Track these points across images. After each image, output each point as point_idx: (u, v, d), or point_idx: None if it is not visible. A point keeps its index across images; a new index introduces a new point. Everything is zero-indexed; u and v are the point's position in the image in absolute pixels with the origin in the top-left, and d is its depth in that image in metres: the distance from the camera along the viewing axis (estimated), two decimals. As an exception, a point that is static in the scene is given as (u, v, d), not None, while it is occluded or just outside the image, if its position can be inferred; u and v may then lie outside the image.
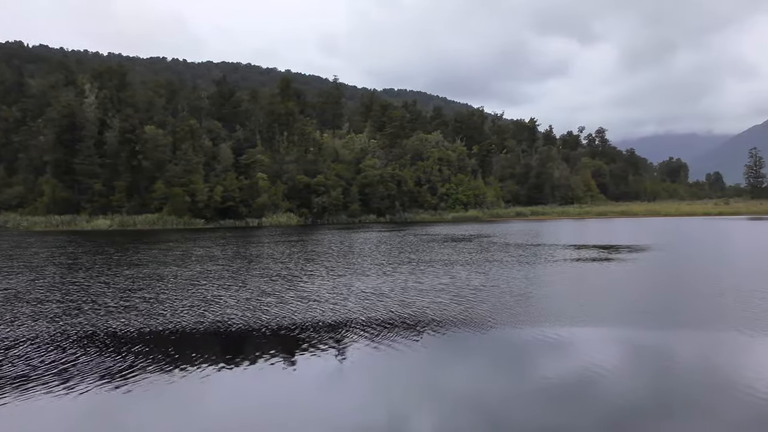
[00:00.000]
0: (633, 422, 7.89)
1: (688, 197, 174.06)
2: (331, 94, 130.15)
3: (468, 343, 11.92)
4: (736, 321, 13.19)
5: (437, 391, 9.33)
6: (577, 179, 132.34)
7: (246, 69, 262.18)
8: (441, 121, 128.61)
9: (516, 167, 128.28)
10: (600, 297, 16.64)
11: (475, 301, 16.21)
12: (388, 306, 15.83)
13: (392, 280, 20.59)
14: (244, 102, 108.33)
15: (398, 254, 30.57)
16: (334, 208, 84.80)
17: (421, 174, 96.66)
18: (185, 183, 75.04)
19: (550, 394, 8.98)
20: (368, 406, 8.84)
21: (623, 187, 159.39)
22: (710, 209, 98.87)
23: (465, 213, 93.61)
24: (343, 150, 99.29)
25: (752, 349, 11.19)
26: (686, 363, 10.37)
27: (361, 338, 12.37)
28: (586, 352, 11.31)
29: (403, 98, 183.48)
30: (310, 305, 16.26)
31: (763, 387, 8.92)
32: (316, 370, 10.55)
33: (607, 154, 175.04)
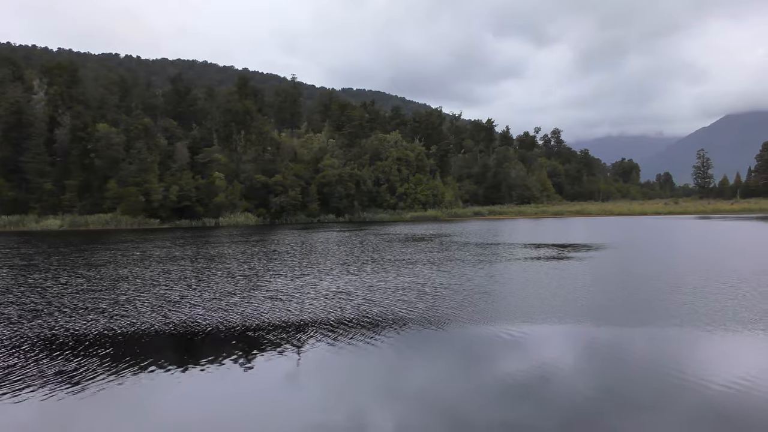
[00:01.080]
0: (590, 417, 8.00)
1: (639, 197, 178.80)
2: (289, 93, 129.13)
3: (430, 341, 11.93)
4: (687, 317, 13.53)
5: (398, 390, 9.31)
6: (534, 179, 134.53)
7: (202, 67, 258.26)
8: (400, 121, 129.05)
9: (474, 167, 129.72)
10: (558, 295, 16.89)
11: (436, 300, 16.24)
12: (352, 305, 15.74)
13: (356, 279, 20.51)
14: (200, 100, 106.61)
15: (360, 254, 30.50)
16: (293, 207, 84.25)
17: (380, 174, 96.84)
18: (139, 182, 73.48)
19: (510, 391, 9.05)
20: (329, 405, 8.76)
21: (578, 187, 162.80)
22: (661, 209, 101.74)
23: (424, 212, 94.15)
24: (302, 149, 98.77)
25: (703, 343, 11.50)
26: (640, 358, 10.59)
27: (323, 337, 12.26)
28: (545, 348, 11.44)
29: (362, 98, 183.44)
30: (276, 305, 16.05)
31: (714, 380, 9.17)
32: (278, 370, 10.41)
33: (562, 155, 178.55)
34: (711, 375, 9.41)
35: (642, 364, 10.23)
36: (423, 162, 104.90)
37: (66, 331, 13.05)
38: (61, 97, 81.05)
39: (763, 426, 7.54)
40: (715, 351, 11.07)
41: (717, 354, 10.89)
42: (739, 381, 9.09)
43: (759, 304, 14.77)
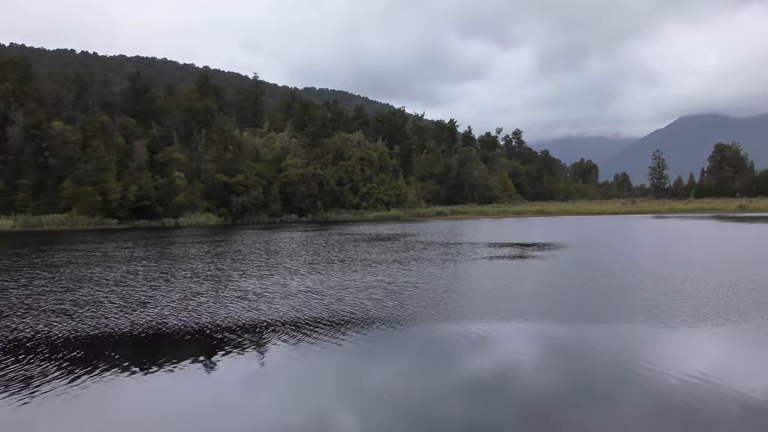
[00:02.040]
0: (553, 413, 8.11)
1: (598, 197, 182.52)
2: (251, 92, 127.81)
3: (395, 340, 11.94)
4: (646, 313, 13.84)
5: (363, 390, 9.29)
6: (495, 179, 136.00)
7: (161, 64, 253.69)
8: (363, 120, 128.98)
9: (436, 167, 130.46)
10: (520, 293, 17.10)
11: (402, 299, 16.26)
12: (318, 304, 15.66)
13: (323, 279, 20.41)
14: (159, 98, 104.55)
15: (327, 253, 30.38)
16: (255, 207, 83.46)
17: (343, 173, 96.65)
18: (96, 181, 71.82)
19: (475, 389, 9.12)
20: (293, 406, 8.69)
21: (538, 186, 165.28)
22: (618, 208, 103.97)
23: (387, 212, 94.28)
24: (264, 149, 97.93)
25: (661, 338, 11.77)
26: (601, 354, 10.79)
27: (289, 337, 12.16)
28: (509, 346, 11.56)
29: (325, 97, 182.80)
30: (243, 304, 15.90)
31: (671, 374, 9.39)
32: (242, 370, 10.29)
33: (523, 155, 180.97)
34: (668, 369, 9.65)
35: (602, 360, 10.44)
36: (386, 162, 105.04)
37: (28, 334, 12.70)
38: (14, 93, 78.62)
39: (717, 416, 7.75)
40: (672, 346, 11.35)
41: (674, 348, 11.17)
42: (694, 374, 9.35)
43: (713, 300, 15.21)
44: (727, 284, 17.83)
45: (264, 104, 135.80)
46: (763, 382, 9.02)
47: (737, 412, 7.87)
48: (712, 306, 14.52)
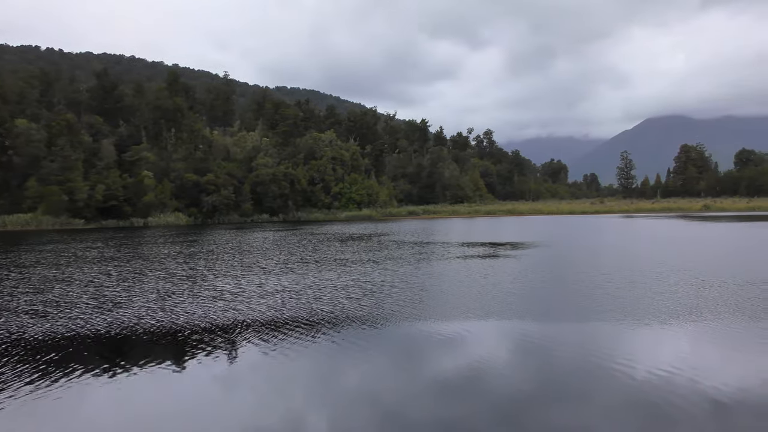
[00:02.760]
0: (524, 410, 8.19)
1: (568, 197, 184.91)
2: (221, 91, 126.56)
3: (368, 339, 11.93)
4: (615, 311, 14.08)
5: (335, 390, 9.24)
6: (467, 179, 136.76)
7: (130, 62, 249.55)
8: (334, 120, 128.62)
9: (408, 167, 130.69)
10: (492, 292, 17.21)
11: (375, 298, 16.28)
12: (293, 304, 15.60)
13: (297, 279, 20.32)
14: (127, 96, 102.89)
15: (301, 253, 30.23)
16: (225, 207, 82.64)
17: (315, 173, 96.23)
18: (62, 181, 70.34)
19: (447, 388, 9.15)
20: (265, 407, 8.62)
21: (509, 186, 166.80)
22: (587, 208, 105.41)
23: (359, 212, 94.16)
24: (235, 148, 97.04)
25: (629, 336, 11.97)
26: (571, 351, 10.92)
27: (261, 337, 12.08)
28: (481, 344, 11.64)
29: (297, 96, 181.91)
30: (219, 305, 15.79)
31: (640, 370, 9.56)
32: (213, 371, 10.17)
33: (494, 155, 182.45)
34: (638, 365, 9.82)
35: (574, 357, 10.57)
36: (358, 161, 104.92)
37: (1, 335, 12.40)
38: (-24, 90, 76.60)
39: (683, 411, 7.89)
40: (642, 342, 11.54)
41: (643, 345, 11.36)
42: (661, 370, 9.53)
43: (681, 297, 15.51)
44: (695, 282, 18.19)
45: (235, 103, 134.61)
46: (730, 378, 9.22)
47: (705, 408, 8.03)
48: (680, 303, 14.82)
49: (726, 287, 17.12)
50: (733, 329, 12.28)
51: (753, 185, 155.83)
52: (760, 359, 10.31)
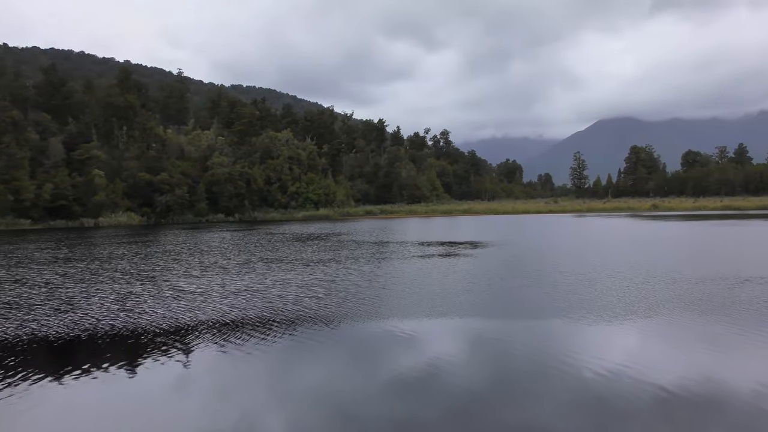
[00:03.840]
0: (477, 408, 8.25)
1: (522, 196, 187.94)
2: (175, 88, 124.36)
3: (324, 339, 11.86)
4: (567, 309, 14.34)
5: (291, 391, 9.16)
6: (424, 179, 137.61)
7: (79, 57, 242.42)
8: (291, 119, 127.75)
9: (365, 167, 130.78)
10: (448, 290, 17.33)
11: (333, 298, 16.21)
12: (251, 305, 15.41)
13: (256, 279, 20.08)
14: (77, 93, 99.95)
15: (260, 253, 29.88)
16: (180, 207, 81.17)
17: (271, 172, 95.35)
18: (7, 180, 67.96)
19: (403, 387, 9.17)
20: (218, 410, 8.47)
21: (465, 186, 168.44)
22: (542, 208, 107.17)
23: (316, 212, 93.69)
24: (189, 147, 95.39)
25: (581, 333, 12.20)
26: (525, 349, 11.08)
27: (218, 339, 11.89)
28: (436, 343, 11.70)
29: (252, 95, 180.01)
30: (178, 305, 15.54)
31: (590, 367, 9.76)
32: (166, 374, 9.96)
33: (450, 155, 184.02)
34: (587, 362, 10.02)
35: (526, 355, 10.73)
36: (315, 161, 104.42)
37: None
38: None
39: (630, 406, 8.09)
40: (592, 340, 11.78)
41: (593, 342, 11.59)
42: (611, 366, 9.75)
43: (631, 295, 15.91)
44: (643, 279, 18.68)
45: (189, 101, 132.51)
46: (675, 373, 9.49)
47: (651, 403, 8.24)
48: (629, 300, 15.19)
49: (673, 284, 17.64)
50: (679, 325, 12.66)
51: (699, 185, 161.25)
52: (702, 354, 10.63)
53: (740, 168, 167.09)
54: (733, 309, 13.99)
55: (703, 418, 7.77)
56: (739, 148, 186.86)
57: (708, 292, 16.17)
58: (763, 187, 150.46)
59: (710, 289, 16.62)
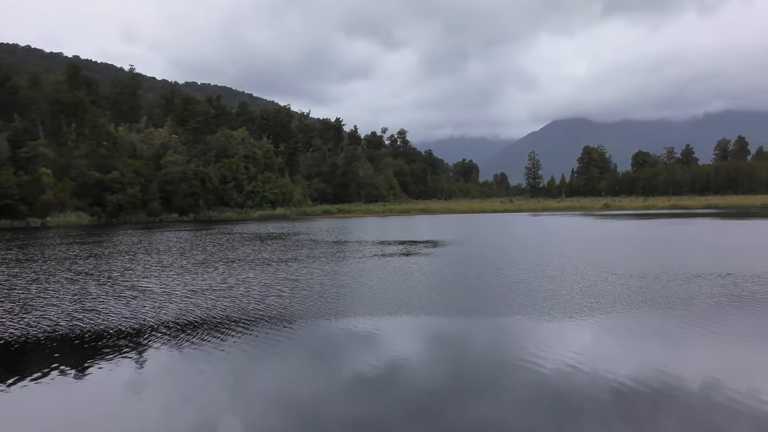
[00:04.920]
0: (437, 406, 8.24)
1: (479, 196, 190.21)
2: (127, 85, 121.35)
3: (283, 339, 11.72)
4: (525, 306, 14.53)
5: (249, 392, 8.99)
6: (381, 178, 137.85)
7: (25, 52, 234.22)
8: (247, 117, 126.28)
9: (323, 166, 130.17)
10: (407, 289, 17.34)
11: (288, 298, 16.06)
12: (210, 304, 15.19)
13: (216, 278, 19.77)
14: (22, 89, 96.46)
15: (218, 252, 29.37)
16: (132, 206, 79.26)
17: (227, 171, 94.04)
18: (-52, 178, 65.26)
19: (363, 386, 9.11)
20: (173, 413, 8.25)
21: (423, 186, 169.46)
22: (498, 207, 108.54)
23: (272, 211, 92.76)
24: (142, 145, 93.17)
25: (539, 330, 12.36)
26: (483, 346, 11.16)
27: (173, 340, 11.63)
28: (396, 341, 11.67)
29: (207, 92, 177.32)
30: (135, 306, 15.19)
31: (547, 362, 9.87)
32: (119, 378, 9.67)
33: (408, 155, 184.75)
34: (546, 358, 10.14)
35: (486, 352, 10.80)
36: (271, 160, 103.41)
37: None
38: None
39: (588, 400, 8.22)
40: (550, 336, 11.92)
41: (551, 338, 11.73)
42: (569, 362, 9.89)
43: (586, 292, 16.19)
44: (599, 277, 19.05)
45: (141, 98, 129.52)
46: (630, 368, 9.67)
47: (607, 396, 8.38)
48: (586, 297, 15.47)
49: (627, 281, 18.04)
50: (634, 321, 12.94)
51: (648, 185, 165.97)
52: (656, 349, 10.86)
53: (687, 168, 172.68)
54: (685, 304, 14.37)
55: (656, 411, 7.91)
56: (686, 149, 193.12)
57: (661, 289, 16.57)
58: (709, 186, 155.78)
59: (663, 286, 17.05)
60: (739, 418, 7.58)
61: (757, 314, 13.38)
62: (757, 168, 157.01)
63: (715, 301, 14.73)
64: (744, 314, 13.34)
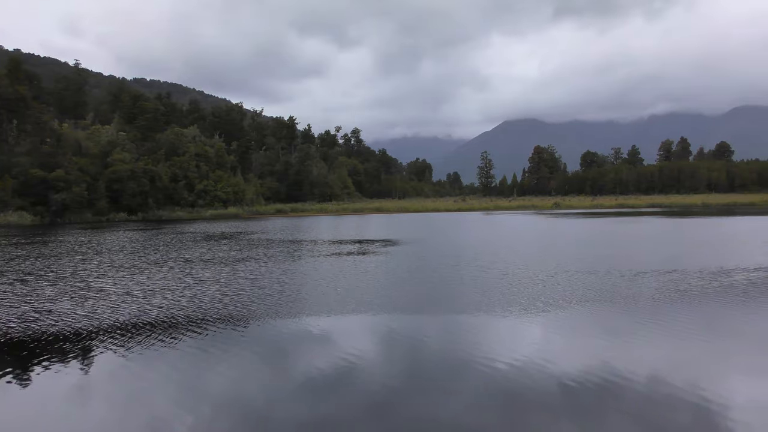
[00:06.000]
0: (391, 404, 8.24)
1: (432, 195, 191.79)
2: (72, 81, 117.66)
3: (236, 340, 11.55)
4: (477, 304, 14.70)
5: (200, 394, 8.79)
6: (335, 177, 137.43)
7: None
8: (198, 115, 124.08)
9: (276, 164, 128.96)
10: (360, 287, 17.32)
11: (244, 297, 15.88)
12: (162, 305, 14.87)
13: (168, 278, 19.33)
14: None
15: (170, 253, 28.70)
16: (78, 205, 76.84)
17: (177, 170, 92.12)
18: None
19: (314, 386, 9.03)
20: (123, 417, 8.00)
21: (376, 185, 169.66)
22: (451, 206, 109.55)
23: (224, 210, 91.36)
24: (88, 142, 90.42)
25: (490, 327, 12.51)
26: (436, 344, 11.23)
27: (120, 342, 11.32)
28: (349, 340, 11.63)
29: (157, 89, 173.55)
30: (89, 307, 14.76)
31: (500, 359, 10.00)
32: (64, 383, 9.35)
33: (362, 154, 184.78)
34: (498, 355, 10.28)
35: (439, 349, 10.86)
36: (223, 158, 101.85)
37: None
38: None
39: (539, 395, 8.35)
40: (502, 333, 12.08)
41: (503, 335, 11.89)
42: (521, 358, 10.05)
43: (537, 289, 16.48)
44: (549, 274, 19.41)
45: (87, 94, 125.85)
46: (579, 363, 9.89)
47: (557, 392, 8.54)
48: (537, 294, 15.75)
49: (577, 278, 18.45)
50: (583, 317, 13.25)
51: (596, 184, 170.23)
52: (603, 344, 11.12)
53: (633, 168, 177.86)
54: (631, 300, 14.78)
55: (603, 404, 8.09)
56: (632, 150, 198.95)
57: (608, 285, 17.00)
58: (653, 186, 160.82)
59: (610, 282, 17.48)
60: (683, 410, 7.82)
61: (702, 308, 13.87)
62: (698, 168, 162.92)
63: (662, 296, 15.20)
64: (689, 308, 13.81)
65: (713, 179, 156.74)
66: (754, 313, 13.46)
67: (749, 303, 14.48)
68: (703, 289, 16.12)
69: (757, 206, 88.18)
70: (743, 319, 12.93)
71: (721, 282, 17.32)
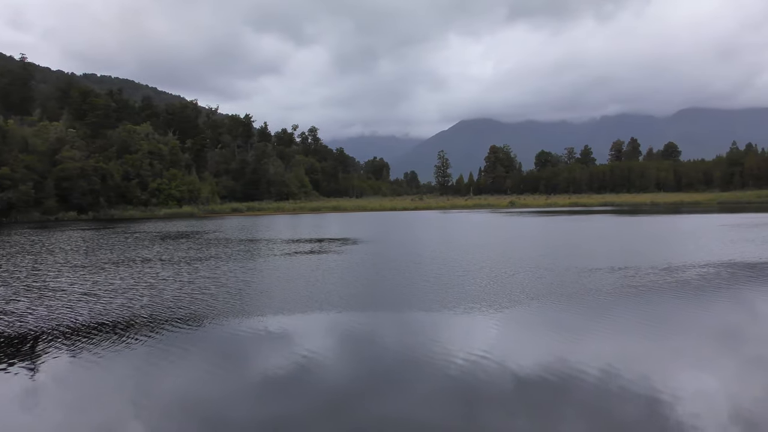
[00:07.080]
0: (349, 403, 8.27)
1: (389, 194, 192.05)
2: (17, 75, 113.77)
3: (191, 340, 11.38)
4: (433, 301, 14.85)
5: (153, 397, 8.64)
6: (292, 176, 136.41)
7: None
8: (151, 112, 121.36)
9: (231, 163, 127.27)
10: (317, 286, 17.27)
11: (200, 297, 15.67)
12: (113, 306, 14.55)
13: (123, 279, 18.89)
14: None
15: (125, 253, 28.02)
16: (24, 204, 74.36)
17: (130, 168, 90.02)
18: None
19: (272, 386, 8.98)
20: (72, 422, 7.79)
21: (334, 183, 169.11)
22: (408, 204, 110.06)
23: (179, 209, 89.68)
24: (35, 139, 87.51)
25: (448, 324, 12.63)
26: (394, 341, 11.29)
27: (71, 345, 11.02)
28: (307, 339, 11.59)
29: (108, 85, 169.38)
30: (37, 310, 14.27)
31: (456, 355, 10.12)
32: (20, 384, 9.05)
33: (319, 153, 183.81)
34: (454, 352, 10.40)
35: (396, 347, 10.91)
36: (177, 156, 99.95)
37: None
38: None
39: (495, 391, 8.49)
40: (458, 330, 12.22)
41: (459, 332, 12.03)
42: (477, 354, 10.19)
43: (492, 286, 16.71)
44: (505, 271, 19.70)
45: (34, 90, 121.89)
46: (533, 358, 10.09)
47: (512, 387, 8.71)
48: (493, 291, 15.97)
49: (532, 275, 18.79)
50: (538, 313, 13.52)
51: (550, 183, 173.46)
52: (557, 339, 11.36)
53: (585, 168, 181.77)
54: (585, 296, 15.12)
55: (557, 399, 8.27)
56: (584, 150, 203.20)
57: (562, 282, 17.35)
58: (605, 185, 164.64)
59: (564, 279, 17.85)
60: (634, 403, 8.04)
61: (653, 303, 14.29)
62: (647, 168, 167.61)
63: (615, 292, 15.60)
64: (641, 304, 14.21)
65: (661, 179, 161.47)
66: (703, 309, 13.96)
67: (699, 298, 15.01)
68: (654, 285, 16.63)
69: (701, 205, 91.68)
70: (692, 314, 13.41)
71: (671, 278, 17.90)
